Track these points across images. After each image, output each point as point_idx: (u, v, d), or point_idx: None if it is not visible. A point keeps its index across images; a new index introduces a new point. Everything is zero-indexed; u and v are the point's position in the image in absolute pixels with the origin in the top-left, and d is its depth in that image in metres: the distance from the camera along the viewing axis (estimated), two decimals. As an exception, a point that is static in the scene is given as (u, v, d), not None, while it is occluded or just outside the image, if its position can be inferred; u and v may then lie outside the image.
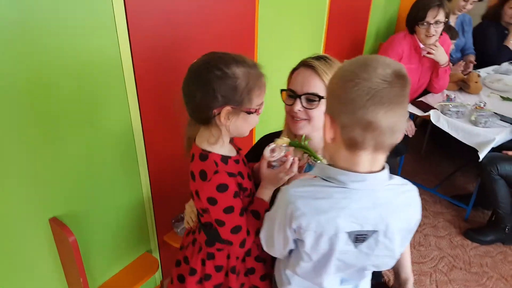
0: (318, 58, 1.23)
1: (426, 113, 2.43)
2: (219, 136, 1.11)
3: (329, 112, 0.87)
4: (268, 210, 1.12)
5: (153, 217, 1.75)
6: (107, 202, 1.52)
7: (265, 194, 1.20)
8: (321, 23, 2.43)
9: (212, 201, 1.08)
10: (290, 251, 1.06)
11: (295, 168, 1.15)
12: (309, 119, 1.23)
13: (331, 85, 0.89)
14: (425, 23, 2.38)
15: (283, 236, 0.99)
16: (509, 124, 2.30)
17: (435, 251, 2.34)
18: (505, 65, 3.19)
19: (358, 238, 0.92)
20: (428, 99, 2.63)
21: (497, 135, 2.19)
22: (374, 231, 0.92)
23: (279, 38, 2.13)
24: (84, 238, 1.44)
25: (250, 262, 1.27)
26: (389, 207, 0.91)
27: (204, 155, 1.10)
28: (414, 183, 0.97)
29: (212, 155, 1.11)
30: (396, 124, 0.81)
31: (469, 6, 3.08)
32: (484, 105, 2.41)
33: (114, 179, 1.51)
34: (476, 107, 2.40)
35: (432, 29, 2.38)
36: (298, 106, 1.21)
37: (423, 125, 3.29)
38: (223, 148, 1.13)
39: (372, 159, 0.87)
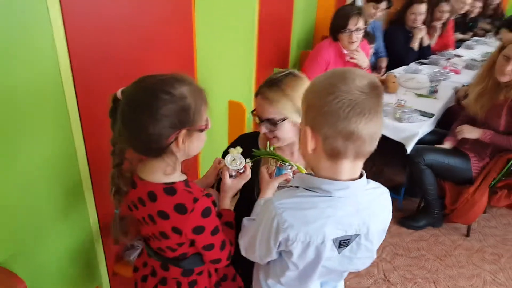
0: (271, 84, 1.29)
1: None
2: (175, 163, 1.06)
3: (309, 124, 0.89)
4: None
5: (102, 249, 1.63)
6: (53, 238, 1.39)
7: (228, 204, 1.25)
8: (252, 36, 2.49)
9: (200, 229, 1.06)
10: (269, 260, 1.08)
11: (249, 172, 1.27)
12: (276, 137, 1.32)
13: (309, 99, 0.90)
14: (347, 31, 2.54)
15: (266, 248, 1.00)
16: (428, 118, 2.54)
17: (377, 242, 2.50)
18: (413, 65, 3.52)
19: (342, 243, 0.96)
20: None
21: (420, 129, 2.41)
22: (357, 235, 0.96)
23: (217, 53, 2.14)
24: (32, 282, 1.29)
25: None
26: (370, 211, 0.96)
27: (171, 189, 1.05)
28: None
29: (177, 185, 1.06)
30: (375, 132, 0.86)
31: (378, 13, 3.36)
32: (405, 103, 2.64)
33: (58, 212, 1.38)
34: (398, 105, 2.62)
35: (354, 36, 2.55)
36: (263, 129, 1.31)
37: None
38: (179, 174, 1.10)
39: (352, 167, 0.90)
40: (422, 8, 3.51)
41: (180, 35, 1.79)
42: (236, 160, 1.26)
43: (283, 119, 1.28)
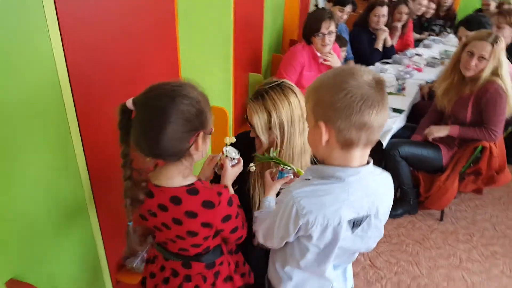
0: (257, 95, 1.44)
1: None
2: (191, 165, 1.13)
3: (321, 119, 0.97)
4: None
5: (105, 258, 1.65)
6: (58, 249, 1.40)
7: (231, 189, 1.36)
8: (229, 42, 2.56)
9: (227, 218, 1.16)
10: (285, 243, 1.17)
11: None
12: (260, 141, 1.48)
13: (319, 96, 0.98)
14: (320, 34, 2.68)
15: (284, 232, 1.08)
16: (399, 113, 2.73)
17: (360, 232, 2.65)
18: (378, 65, 3.71)
19: (355, 223, 1.06)
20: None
21: (394, 124, 2.59)
22: (368, 216, 1.07)
23: (198, 60, 2.22)
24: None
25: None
26: (377, 193, 1.07)
27: (193, 189, 1.12)
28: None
29: (197, 184, 1.14)
30: (384, 121, 0.97)
31: (345, 17, 3.55)
32: (377, 100, 2.81)
33: (61, 223, 1.39)
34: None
35: (327, 39, 2.69)
36: (251, 133, 1.48)
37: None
38: (192, 174, 1.17)
39: (362, 155, 1.00)
40: (384, 10, 3.71)
41: (166, 44, 1.85)
42: (232, 152, 1.40)
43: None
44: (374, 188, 1.06)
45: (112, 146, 1.50)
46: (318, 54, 2.78)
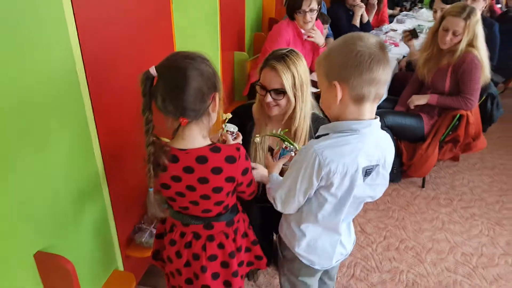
0: (279, 58, 1.51)
1: (318, 90, 2.82)
2: (209, 125, 1.22)
3: (336, 79, 1.08)
4: None
5: (116, 233, 1.71)
6: (77, 224, 1.46)
7: None
8: (216, 22, 2.59)
9: (246, 170, 1.26)
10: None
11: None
12: (278, 105, 1.56)
13: (332, 59, 1.10)
14: (301, 11, 2.74)
15: (307, 185, 1.18)
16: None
17: (348, 201, 2.78)
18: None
19: (367, 172, 1.19)
20: (314, 77, 3.03)
21: (377, 96, 2.70)
22: (377, 165, 1.19)
23: (190, 40, 2.25)
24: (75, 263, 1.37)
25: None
26: (384, 145, 1.21)
27: (215, 147, 1.21)
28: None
29: (216, 143, 1.23)
30: (388, 76, 1.10)
31: None
32: (360, 74, 2.92)
33: (80, 198, 1.44)
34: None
35: (308, 16, 2.75)
36: (268, 99, 1.54)
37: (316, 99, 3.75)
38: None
39: (371, 109, 1.13)
40: (361, -14, 3.81)
41: (163, 27, 1.88)
42: (230, 127, 1.51)
43: (285, 92, 1.50)
44: (382, 140, 1.20)
45: (123, 129, 1.57)
46: (302, 31, 2.84)
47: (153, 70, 1.13)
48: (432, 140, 2.70)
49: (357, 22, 3.89)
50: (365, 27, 3.99)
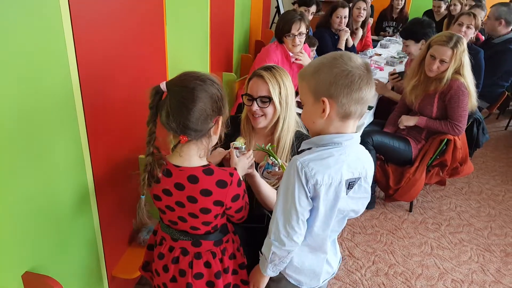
0: (266, 68, 1.63)
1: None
2: (207, 147, 1.28)
3: (325, 96, 1.15)
4: None
5: (103, 254, 1.71)
6: (66, 244, 1.46)
7: None
8: (206, 44, 2.68)
9: (236, 197, 1.29)
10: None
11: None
12: (264, 115, 1.64)
13: (322, 75, 1.15)
14: (290, 35, 2.85)
15: (305, 196, 1.21)
16: (368, 110, 2.94)
17: (336, 225, 2.83)
18: (342, 64, 3.95)
19: (350, 184, 1.25)
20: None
21: (365, 119, 2.79)
22: (359, 178, 1.26)
23: (182, 60, 2.31)
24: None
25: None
26: (365, 158, 1.28)
27: (209, 169, 1.26)
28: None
29: (211, 165, 1.28)
30: (372, 97, 1.19)
31: (310, 17, 3.75)
32: (347, 97, 3.02)
33: (67, 217, 1.45)
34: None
35: (297, 40, 2.86)
36: (255, 107, 1.62)
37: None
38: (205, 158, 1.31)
39: (354, 125, 1.22)
40: (346, 11, 3.95)
41: (155, 49, 1.96)
42: (238, 143, 1.55)
43: (271, 99, 1.60)
44: (362, 154, 1.28)
45: (114, 146, 1.59)
46: (290, 54, 2.94)
47: (163, 86, 1.20)
48: (420, 164, 2.79)
49: (342, 46, 4.02)
50: (350, 51, 4.12)
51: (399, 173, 2.88)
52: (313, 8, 3.80)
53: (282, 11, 6.19)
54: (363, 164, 1.26)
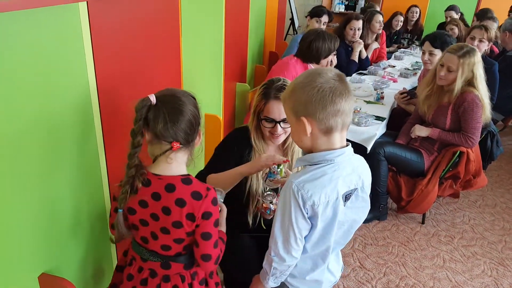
0: (280, 88, 1.63)
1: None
2: (189, 158, 1.32)
3: (303, 114, 1.18)
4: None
5: (116, 257, 1.76)
6: (81, 247, 1.52)
7: (224, 224, 1.51)
8: (220, 54, 2.73)
9: (208, 215, 1.25)
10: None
11: None
12: (285, 132, 1.67)
13: (297, 96, 1.20)
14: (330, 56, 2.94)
15: (303, 218, 1.23)
16: (381, 121, 2.95)
17: (347, 236, 2.83)
18: (355, 76, 3.97)
19: (347, 197, 1.28)
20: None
21: (377, 131, 2.80)
22: (355, 189, 1.28)
23: (196, 71, 2.36)
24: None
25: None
26: (361, 169, 1.30)
27: (187, 179, 1.26)
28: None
29: (191, 176, 1.29)
30: (352, 106, 1.21)
31: (322, 27, 3.79)
32: (360, 109, 3.04)
33: (83, 221, 1.51)
34: (355, 111, 3.01)
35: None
36: (279, 129, 1.64)
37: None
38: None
39: (341, 138, 1.23)
40: (360, 23, 4.01)
41: (171, 60, 2.01)
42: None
43: None
44: (357, 165, 1.29)
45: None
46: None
47: (153, 98, 1.23)
48: (433, 175, 2.78)
49: (355, 58, 4.06)
50: (363, 62, 4.17)
51: (412, 185, 2.87)
52: (324, 18, 3.84)
53: (296, 23, 6.27)
54: (358, 175, 1.28)
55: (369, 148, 2.77)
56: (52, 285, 1.31)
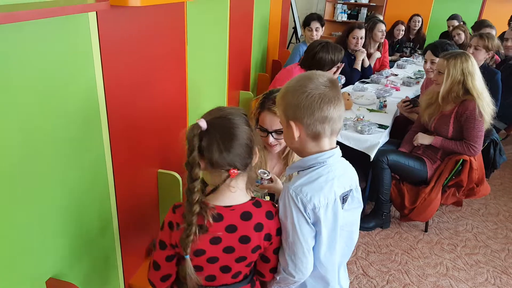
0: (273, 101, 1.63)
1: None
2: (250, 181, 1.23)
3: (291, 119, 1.20)
4: None
5: (121, 265, 1.78)
6: (88, 254, 1.54)
7: None
8: (224, 63, 2.77)
9: (280, 229, 1.24)
10: None
11: None
12: (279, 143, 1.70)
13: (287, 99, 1.21)
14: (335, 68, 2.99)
15: (306, 223, 1.20)
16: (384, 129, 2.98)
17: (351, 244, 2.84)
18: (358, 84, 4.00)
19: (344, 198, 1.27)
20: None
21: (380, 139, 2.82)
22: (350, 190, 1.29)
23: (201, 79, 2.40)
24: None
25: None
26: (350, 170, 1.31)
27: (257, 202, 1.22)
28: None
29: (256, 198, 1.24)
30: (342, 113, 1.21)
31: (316, 33, 3.83)
32: (363, 117, 3.07)
33: (90, 228, 1.53)
34: (357, 119, 3.03)
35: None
36: (271, 139, 1.68)
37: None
38: None
39: (330, 143, 1.25)
40: (362, 32, 4.04)
41: (176, 69, 2.05)
42: (263, 173, 1.60)
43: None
44: (347, 166, 1.31)
45: (136, 163, 1.71)
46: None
47: (203, 123, 1.12)
48: (436, 184, 2.80)
49: (358, 67, 4.10)
50: (366, 71, 4.21)
51: (415, 193, 2.89)
52: (314, 24, 3.81)
53: (299, 32, 6.32)
54: (350, 175, 1.30)
55: (372, 156, 2.79)
56: (60, 290, 1.34)
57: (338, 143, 2.82)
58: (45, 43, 1.15)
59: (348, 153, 2.82)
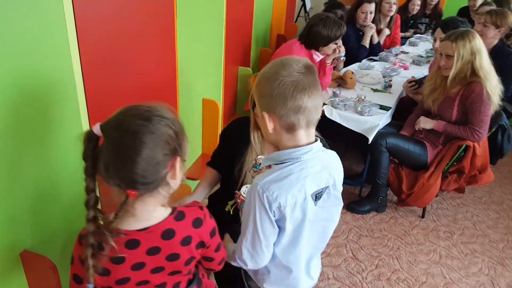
0: None
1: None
2: (169, 193, 1.07)
3: (264, 109, 1.18)
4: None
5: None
6: (66, 230, 1.58)
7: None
8: (221, 37, 2.76)
9: (214, 231, 1.18)
10: None
11: None
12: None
13: (260, 88, 1.19)
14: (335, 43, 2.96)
15: (269, 222, 1.21)
16: (385, 111, 2.97)
17: (343, 225, 2.88)
18: (365, 62, 3.95)
19: (317, 196, 1.26)
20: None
21: (380, 121, 2.81)
22: (326, 187, 1.27)
23: (192, 55, 2.40)
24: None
25: None
26: (331, 165, 1.28)
27: (179, 213, 1.10)
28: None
29: (177, 207, 1.12)
30: (318, 102, 1.17)
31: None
32: (364, 97, 3.05)
33: (68, 200, 1.56)
34: (358, 100, 3.02)
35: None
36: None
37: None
38: None
39: (307, 134, 1.20)
40: (372, 6, 3.95)
41: (164, 43, 2.03)
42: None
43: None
44: (328, 161, 1.27)
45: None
46: (316, 58, 2.98)
47: (97, 129, 1.00)
48: (435, 169, 2.79)
49: (366, 43, 4.03)
50: (375, 48, 4.14)
51: (413, 178, 2.89)
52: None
53: (308, 4, 6.22)
54: (329, 172, 1.26)
55: (370, 139, 2.79)
56: (34, 262, 1.39)
57: (337, 124, 2.86)
58: (15, 17, 1.15)
59: (347, 134, 2.89)
